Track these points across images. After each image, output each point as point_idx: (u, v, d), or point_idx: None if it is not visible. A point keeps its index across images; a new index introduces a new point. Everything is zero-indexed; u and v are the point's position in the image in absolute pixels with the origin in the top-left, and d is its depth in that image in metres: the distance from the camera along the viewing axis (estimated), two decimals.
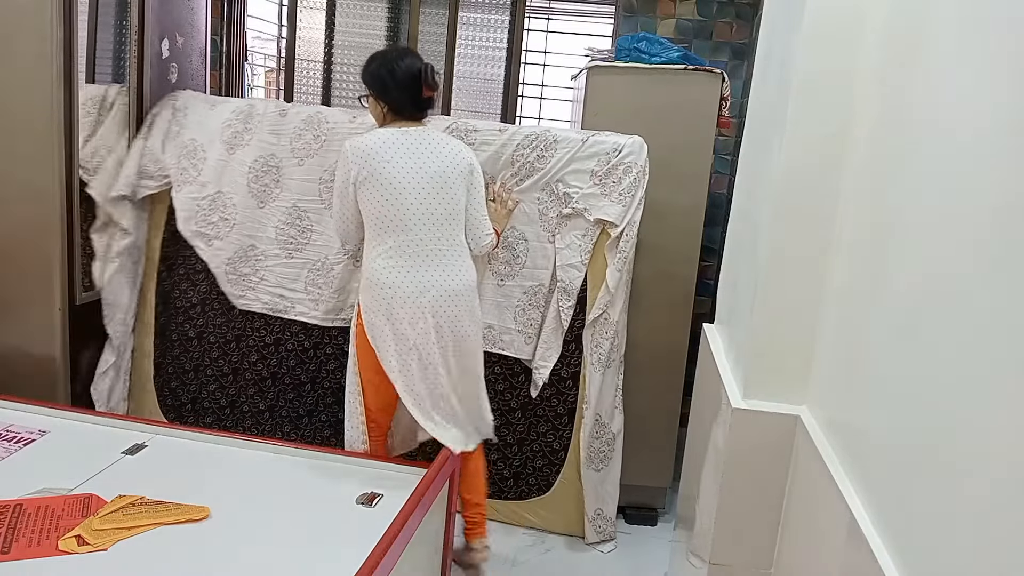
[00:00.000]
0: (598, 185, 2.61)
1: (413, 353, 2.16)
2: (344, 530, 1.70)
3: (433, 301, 2.16)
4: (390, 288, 2.15)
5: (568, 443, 2.74)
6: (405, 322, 2.14)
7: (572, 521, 2.78)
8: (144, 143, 2.85)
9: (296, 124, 2.77)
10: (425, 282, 2.16)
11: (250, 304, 2.82)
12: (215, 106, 2.88)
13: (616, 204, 2.59)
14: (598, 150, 2.62)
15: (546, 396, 2.73)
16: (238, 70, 3.64)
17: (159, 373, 2.96)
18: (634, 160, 2.59)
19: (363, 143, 2.17)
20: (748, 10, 3.39)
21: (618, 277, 2.60)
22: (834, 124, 1.54)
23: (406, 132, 2.20)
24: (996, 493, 0.83)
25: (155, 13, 2.91)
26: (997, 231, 0.91)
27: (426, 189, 2.17)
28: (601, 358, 2.64)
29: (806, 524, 1.49)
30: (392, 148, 2.17)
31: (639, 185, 2.59)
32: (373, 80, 2.24)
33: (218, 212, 2.80)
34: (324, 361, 2.83)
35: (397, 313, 2.14)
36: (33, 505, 1.64)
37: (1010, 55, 0.94)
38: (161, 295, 2.93)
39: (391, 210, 2.16)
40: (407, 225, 2.16)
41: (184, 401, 2.97)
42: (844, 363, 1.44)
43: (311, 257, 2.78)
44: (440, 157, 2.21)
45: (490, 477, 2.79)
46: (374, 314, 2.16)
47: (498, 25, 3.60)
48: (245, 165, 2.79)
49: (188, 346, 2.92)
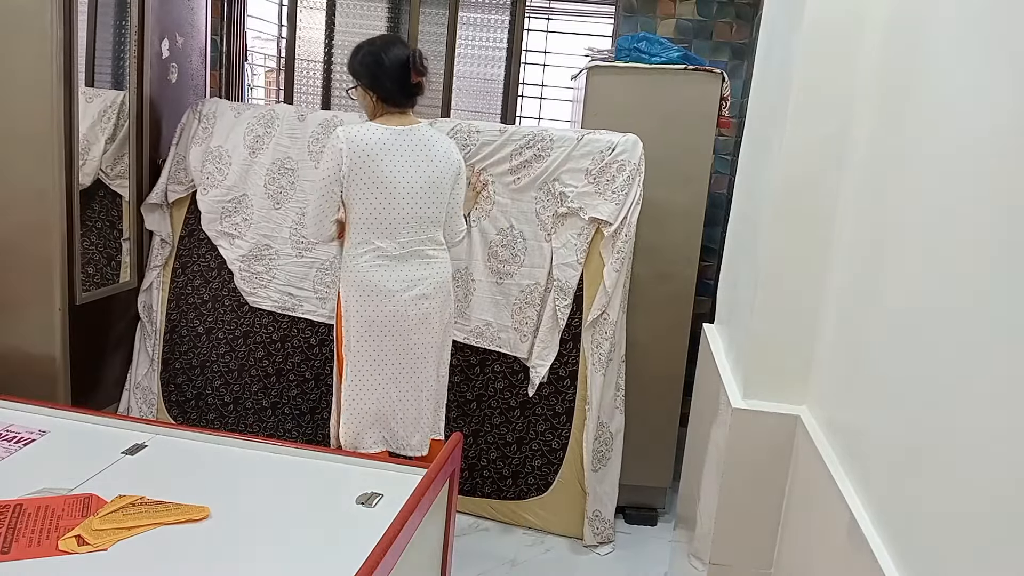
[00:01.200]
0: (592, 184, 2.61)
1: (384, 360, 2.23)
2: (344, 530, 1.70)
3: (413, 299, 2.22)
4: (374, 289, 2.19)
5: (566, 442, 2.74)
6: (383, 323, 2.21)
7: (570, 522, 2.77)
8: (174, 150, 3.01)
9: (313, 128, 2.86)
10: (407, 280, 2.22)
11: (261, 302, 2.91)
12: (240, 113, 3.00)
13: (610, 202, 2.59)
14: (592, 148, 2.63)
15: (544, 395, 2.74)
16: (238, 70, 3.64)
17: (166, 368, 3.03)
18: (627, 158, 2.59)
19: (358, 137, 2.14)
20: (748, 10, 3.39)
21: (616, 277, 2.60)
22: (834, 124, 1.54)
23: (402, 132, 2.19)
24: (996, 493, 0.83)
25: (155, 13, 2.91)
26: (997, 231, 0.91)
27: (419, 193, 2.19)
28: (602, 358, 2.64)
29: (806, 524, 1.49)
30: (389, 148, 2.16)
31: (633, 183, 2.59)
32: (362, 70, 2.23)
33: (241, 213, 2.93)
34: (328, 358, 2.88)
35: (377, 313, 2.20)
36: (33, 505, 1.64)
37: (1010, 55, 0.94)
38: (174, 292, 3.02)
39: (383, 212, 2.16)
40: (397, 228, 2.18)
41: (188, 397, 3.02)
42: (844, 363, 1.44)
43: (319, 256, 2.85)
44: (434, 160, 2.22)
45: (489, 476, 2.81)
46: (354, 312, 2.21)
47: (498, 25, 3.60)
48: (264, 167, 2.89)
49: (196, 342, 2.97)
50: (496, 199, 2.78)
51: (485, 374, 2.79)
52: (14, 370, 2.54)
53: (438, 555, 2.01)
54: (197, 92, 3.41)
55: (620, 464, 2.76)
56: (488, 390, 2.78)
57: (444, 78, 3.60)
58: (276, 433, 2.92)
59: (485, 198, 2.72)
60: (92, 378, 2.83)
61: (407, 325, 2.22)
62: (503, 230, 2.76)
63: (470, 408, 2.82)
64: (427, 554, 1.92)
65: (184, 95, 3.32)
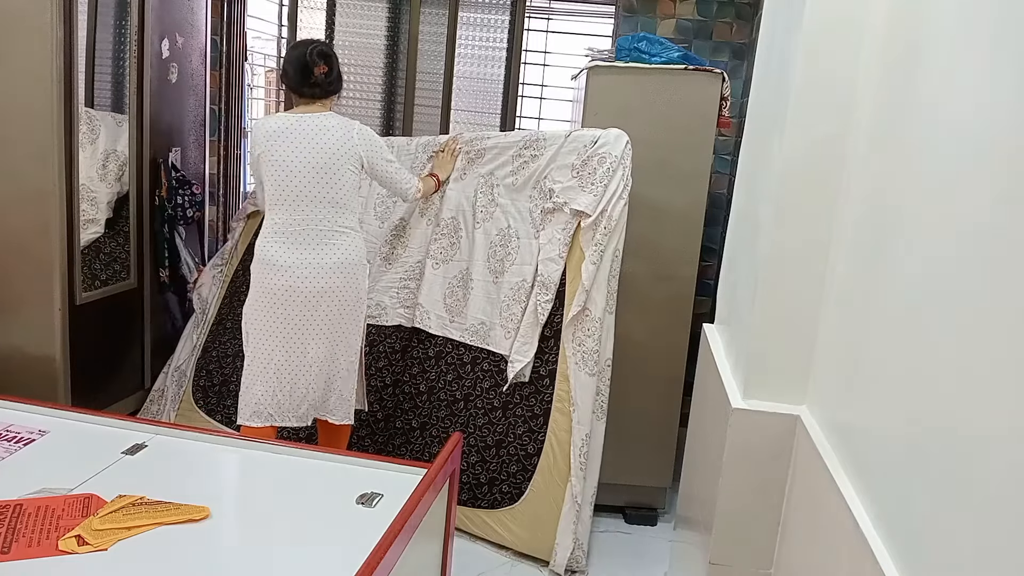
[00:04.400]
0: (576, 177, 2.62)
1: (273, 330, 2.40)
2: (344, 530, 1.70)
3: (307, 275, 2.38)
4: (269, 261, 2.38)
5: (541, 447, 2.64)
6: (274, 294, 2.38)
7: (540, 541, 2.61)
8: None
9: None
10: (302, 260, 2.38)
11: None
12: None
13: (589, 194, 2.58)
14: (577, 144, 2.64)
15: (525, 395, 2.68)
16: (238, 70, 3.64)
17: (204, 355, 3.20)
18: (609, 150, 2.58)
19: (263, 125, 2.43)
20: (748, 10, 3.39)
21: (593, 271, 2.53)
22: (834, 124, 1.54)
23: (301, 118, 2.41)
24: (996, 493, 0.83)
25: (155, 13, 2.91)
26: (998, 231, 0.90)
27: (311, 174, 2.39)
28: (585, 356, 2.56)
29: (806, 524, 1.49)
30: (285, 132, 2.38)
31: (614, 175, 2.56)
32: (282, 69, 2.58)
33: None
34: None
35: (273, 288, 2.38)
36: (33, 505, 1.64)
37: (1011, 55, 0.94)
38: (232, 287, 3.22)
39: (279, 190, 2.39)
40: (292, 205, 2.39)
41: (215, 383, 3.15)
42: (844, 363, 1.43)
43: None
44: (328, 144, 2.40)
45: (466, 483, 2.73)
46: (255, 288, 2.41)
47: (498, 25, 3.60)
48: None
49: (237, 333, 3.02)
50: (499, 201, 2.80)
51: (475, 373, 2.78)
52: (14, 370, 2.54)
53: (438, 555, 2.01)
54: (197, 92, 3.41)
55: (596, 479, 2.62)
56: (476, 389, 2.77)
57: (444, 78, 3.60)
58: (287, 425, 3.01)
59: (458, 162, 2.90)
60: (92, 378, 2.83)
61: (297, 299, 2.38)
62: (502, 230, 2.77)
63: (458, 408, 2.79)
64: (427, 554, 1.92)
65: (184, 95, 3.32)
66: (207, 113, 3.56)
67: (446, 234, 2.90)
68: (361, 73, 3.72)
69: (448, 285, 2.86)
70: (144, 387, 3.28)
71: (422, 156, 3.05)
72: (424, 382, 2.87)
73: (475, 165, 2.88)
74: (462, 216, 2.88)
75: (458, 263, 2.86)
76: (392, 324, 2.94)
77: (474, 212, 2.85)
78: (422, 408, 2.87)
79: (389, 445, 2.91)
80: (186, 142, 3.40)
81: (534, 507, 2.63)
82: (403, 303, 2.94)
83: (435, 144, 3.03)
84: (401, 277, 2.97)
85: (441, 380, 2.83)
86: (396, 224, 3.06)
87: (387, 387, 2.93)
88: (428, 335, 2.87)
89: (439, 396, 2.83)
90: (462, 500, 2.74)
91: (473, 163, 2.89)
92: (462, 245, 2.86)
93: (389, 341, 2.94)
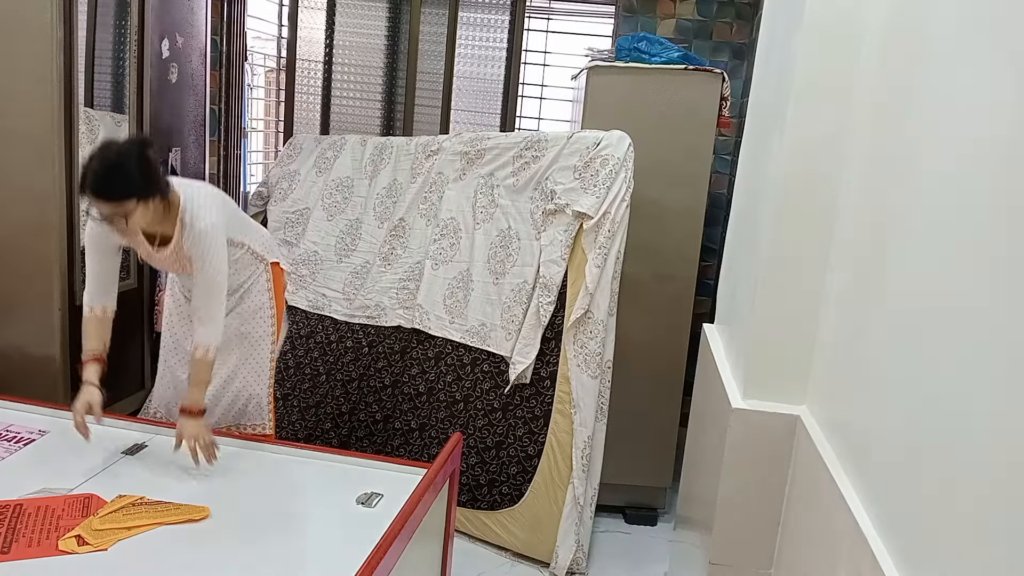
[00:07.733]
0: (578, 179, 2.62)
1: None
2: (344, 530, 1.70)
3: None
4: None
5: (542, 448, 2.64)
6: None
7: (539, 542, 2.62)
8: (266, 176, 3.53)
9: (370, 151, 3.24)
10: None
11: (297, 301, 3.13)
12: (320, 143, 3.44)
13: (591, 195, 2.58)
14: (580, 146, 2.64)
15: (525, 397, 2.68)
16: (238, 70, 3.63)
17: None
18: (611, 152, 2.59)
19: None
20: (748, 10, 3.39)
21: (597, 273, 2.53)
22: (834, 124, 1.54)
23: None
24: (996, 493, 0.83)
25: (155, 13, 2.91)
26: (997, 231, 0.90)
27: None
28: (587, 359, 2.57)
29: (806, 524, 1.49)
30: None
31: (616, 177, 2.56)
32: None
33: (301, 224, 3.29)
34: (343, 354, 3.00)
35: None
36: (33, 505, 1.64)
37: (1011, 55, 0.94)
38: None
39: None
40: None
41: None
42: (844, 363, 1.43)
43: (354, 261, 3.12)
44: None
45: (466, 484, 2.73)
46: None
47: (498, 25, 3.60)
48: (325, 185, 3.30)
49: None
50: (500, 202, 2.80)
51: (475, 374, 2.77)
52: (14, 370, 2.54)
53: (438, 556, 2.01)
54: (197, 92, 3.41)
55: (598, 480, 2.63)
56: (476, 390, 2.77)
57: (444, 78, 3.60)
58: (285, 423, 3.01)
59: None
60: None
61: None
62: (503, 231, 2.77)
63: (457, 409, 2.79)
64: (427, 555, 1.92)
65: (184, 95, 3.31)
66: (207, 113, 3.56)
67: (446, 235, 2.90)
68: (361, 73, 3.72)
69: (448, 286, 2.86)
70: (144, 387, 3.27)
71: (422, 156, 3.05)
72: (424, 383, 2.87)
73: (475, 166, 2.89)
74: (462, 216, 2.88)
75: (458, 264, 2.86)
76: (392, 325, 2.94)
77: (474, 213, 2.85)
78: (421, 409, 2.87)
79: (388, 446, 2.91)
80: (186, 142, 3.40)
81: (534, 509, 2.63)
82: (402, 304, 2.94)
83: (435, 144, 3.03)
84: (401, 278, 2.97)
85: (441, 381, 2.83)
86: (396, 224, 3.06)
87: (386, 388, 2.94)
88: (428, 336, 2.87)
89: (439, 397, 2.82)
90: (462, 502, 2.73)
91: (473, 163, 2.89)
92: (462, 246, 2.86)
93: (388, 342, 2.94)
